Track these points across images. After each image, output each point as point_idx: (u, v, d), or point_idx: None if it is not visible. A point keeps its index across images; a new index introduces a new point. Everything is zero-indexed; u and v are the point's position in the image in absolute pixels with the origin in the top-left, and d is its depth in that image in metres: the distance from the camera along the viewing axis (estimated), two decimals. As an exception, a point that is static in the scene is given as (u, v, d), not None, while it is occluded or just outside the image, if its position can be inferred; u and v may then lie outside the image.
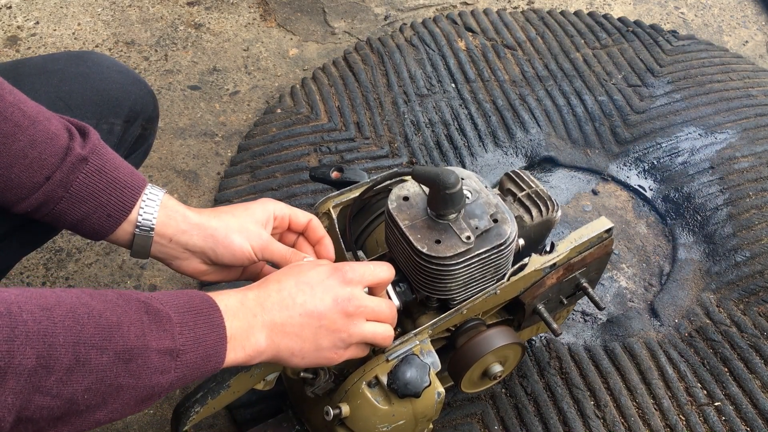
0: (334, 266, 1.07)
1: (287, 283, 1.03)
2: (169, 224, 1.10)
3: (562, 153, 2.10)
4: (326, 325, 1.03)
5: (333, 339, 1.04)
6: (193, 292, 0.95)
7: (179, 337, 0.88)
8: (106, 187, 1.05)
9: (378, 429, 1.19)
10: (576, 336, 1.72)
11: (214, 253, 1.13)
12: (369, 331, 1.07)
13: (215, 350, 0.92)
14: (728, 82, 2.27)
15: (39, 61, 1.25)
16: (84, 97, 1.21)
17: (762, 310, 1.75)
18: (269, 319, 0.99)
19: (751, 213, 1.92)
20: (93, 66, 1.27)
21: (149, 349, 0.85)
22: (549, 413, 1.57)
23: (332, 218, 1.34)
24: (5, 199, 1.03)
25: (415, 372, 1.16)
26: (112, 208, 1.06)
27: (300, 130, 2.13)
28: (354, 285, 1.06)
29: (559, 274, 1.34)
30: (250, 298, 1.00)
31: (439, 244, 1.14)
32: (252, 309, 0.99)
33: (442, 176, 1.10)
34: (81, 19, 2.50)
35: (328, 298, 1.03)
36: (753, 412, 1.58)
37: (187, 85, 2.31)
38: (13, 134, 1.00)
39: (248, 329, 0.97)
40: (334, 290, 1.04)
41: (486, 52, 2.35)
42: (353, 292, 1.05)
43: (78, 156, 1.03)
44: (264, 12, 2.58)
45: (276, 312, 1.00)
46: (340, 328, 1.04)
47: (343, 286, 1.05)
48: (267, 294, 1.01)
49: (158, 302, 0.89)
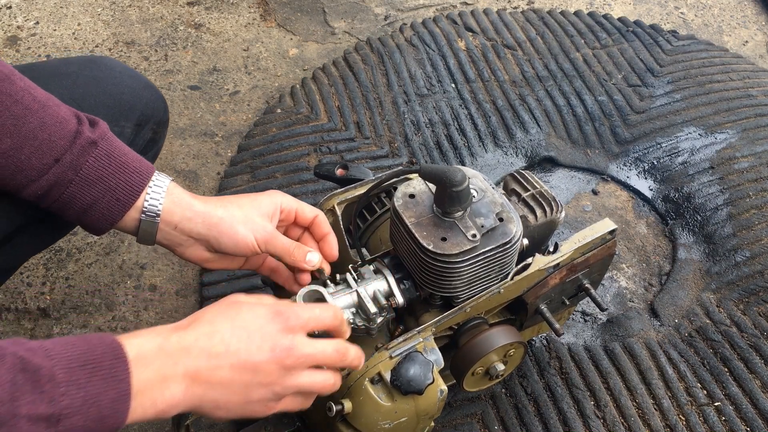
0: (275, 310, 0.98)
1: (221, 326, 0.94)
2: (174, 211, 1.10)
3: (562, 153, 2.10)
4: (259, 379, 0.94)
5: (265, 392, 0.96)
6: (96, 338, 0.84)
7: (61, 400, 0.77)
8: (115, 171, 1.06)
9: (380, 426, 1.19)
10: (576, 336, 1.72)
11: (217, 242, 1.12)
12: (306, 382, 0.98)
13: (113, 410, 0.82)
14: (728, 82, 2.27)
15: (53, 65, 1.26)
16: (96, 100, 1.22)
17: (762, 310, 1.75)
18: (193, 367, 0.90)
19: (751, 213, 1.92)
20: (106, 70, 1.28)
21: (17, 416, 0.75)
22: (549, 413, 1.57)
23: (337, 215, 1.34)
24: (16, 182, 1.03)
25: (419, 369, 1.15)
26: (121, 192, 1.06)
27: (300, 130, 2.12)
28: (296, 332, 0.97)
29: (562, 275, 1.34)
30: (173, 342, 0.90)
31: (445, 242, 1.14)
32: (173, 355, 0.89)
33: (450, 174, 1.11)
34: (81, 19, 2.50)
35: (266, 348, 0.94)
36: (753, 412, 1.58)
37: (187, 85, 2.30)
38: (23, 116, 1.02)
39: (163, 380, 0.87)
40: (274, 339, 0.95)
41: (486, 52, 2.35)
42: (294, 341, 0.96)
43: (88, 139, 1.04)
44: (264, 12, 2.58)
45: (203, 360, 0.90)
46: (275, 381, 0.95)
47: (284, 333, 0.96)
48: (195, 337, 0.91)
49: (42, 356, 0.79)
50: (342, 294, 1.19)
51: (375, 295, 1.21)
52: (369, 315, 1.19)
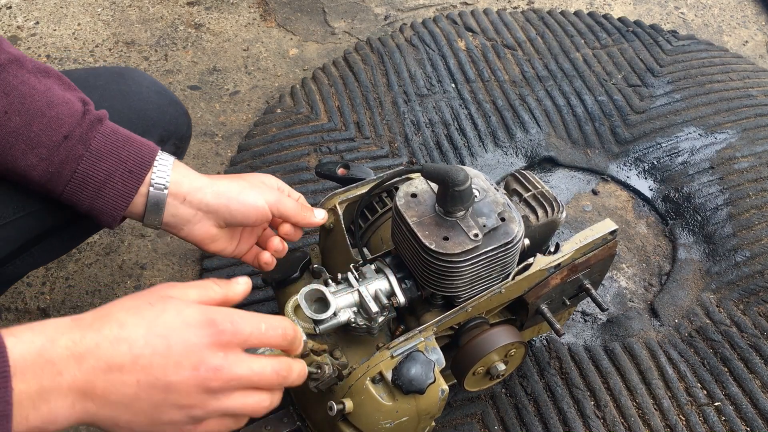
0: (209, 317, 0.79)
1: (133, 330, 0.76)
2: (182, 182, 1.11)
3: (562, 153, 2.10)
4: (174, 400, 0.77)
5: (180, 416, 0.78)
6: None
7: None
8: (124, 143, 1.07)
9: (381, 425, 1.19)
10: (576, 336, 1.73)
11: (227, 210, 1.13)
12: (235, 406, 0.81)
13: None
14: (728, 82, 2.27)
15: (82, 75, 1.27)
16: (122, 115, 1.22)
17: (762, 310, 1.75)
18: (83, 380, 0.72)
19: (751, 213, 1.92)
20: (133, 85, 1.30)
21: None
22: (549, 413, 1.57)
23: (338, 214, 1.34)
24: (27, 162, 1.04)
25: (420, 368, 1.16)
26: (132, 163, 1.06)
27: (300, 130, 2.12)
28: (230, 349, 0.80)
29: (563, 275, 1.34)
30: (60, 346, 0.72)
31: (447, 241, 1.14)
32: (57, 364, 0.72)
33: (452, 173, 1.11)
34: (81, 19, 2.49)
35: (187, 365, 0.76)
36: (753, 412, 1.58)
37: (187, 85, 2.30)
38: (31, 95, 1.04)
39: (40, 394, 0.71)
40: (199, 354, 0.77)
41: (486, 52, 2.35)
42: (225, 360, 0.79)
43: (95, 116, 1.06)
44: (264, 12, 2.58)
45: (99, 372, 0.73)
46: (194, 404, 0.78)
47: (214, 350, 0.78)
48: (95, 342, 0.74)
49: None
50: (343, 293, 1.19)
51: (376, 295, 1.21)
52: (370, 314, 1.19)
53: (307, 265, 1.40)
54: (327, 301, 1.16)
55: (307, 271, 1.40)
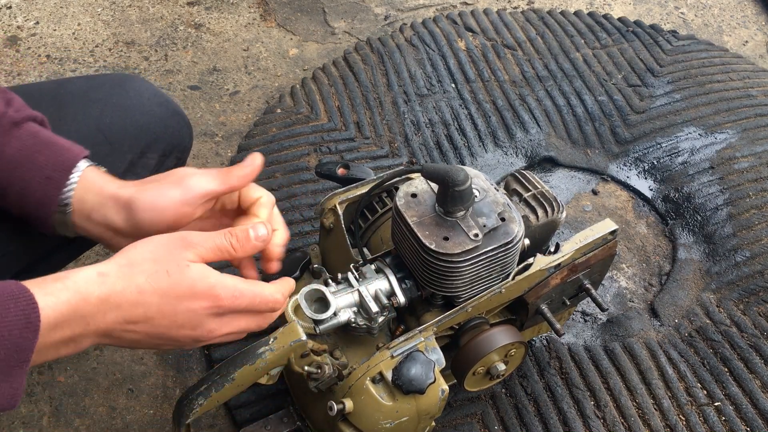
0: (213, 293, 0.91)
1: (149, 298, 0.88)
2: (86, 199, 1.00)
3: (562, 153, 2.10)
4: (172, 343, 0.94)
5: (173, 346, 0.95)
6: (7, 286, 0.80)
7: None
8: (42, 148, 0.99)
9: (381, 425, 1.19)
10: (576, 336, 1.73)
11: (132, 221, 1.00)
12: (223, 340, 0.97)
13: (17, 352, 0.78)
14: (728, 82, 2.27)
15: (82, 86, 1.22)
16: (124, 131, 1.19)
17: (762, 310, 1.75)
18: (104, 329, 0.86)
19: (751, 213, 1.93)
20: (135, 97, 1.24)
21: None
22: (549, 413, 1.57)
23: (338, 214, 1.34)
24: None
25: (420, 368, 1.16)
26: (50, 169, 0.98)
27: (300, 130, 2.12)
28: (225, 315, 0.93)
29: (563, 275, 1.34)
30: (91, 303, 0.84)
31: (447, 241, 1.14)
32: (87, 317, 0.84)
33: (452, 173, 1.11)
34: (81, 19, 2.49)
35: (187, 327, 0.91)
36: (753, 412, 1.58)
37: (187, 85, 2.30)
38: None
39: (72, 338, 0.84)
40: (198, 320, 0.92)
41: (486, 52, 2.35)
42: (218, 324, 0.93)
43: (11, 119, 0.99)
44: (264, 12, 2.57)
45: (118, 326, 0.87)
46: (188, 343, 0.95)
47: (211, 318, 0.92)
48: (117, 303, 0.86)
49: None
50: (343, 293, 1.20)
51: (376, 295, 1.21)
52: (371, 314, 1.19)
53: (307, 265, 1.40)
54: (327, 301, 1.16)
55: (307, 271, 1.40)
